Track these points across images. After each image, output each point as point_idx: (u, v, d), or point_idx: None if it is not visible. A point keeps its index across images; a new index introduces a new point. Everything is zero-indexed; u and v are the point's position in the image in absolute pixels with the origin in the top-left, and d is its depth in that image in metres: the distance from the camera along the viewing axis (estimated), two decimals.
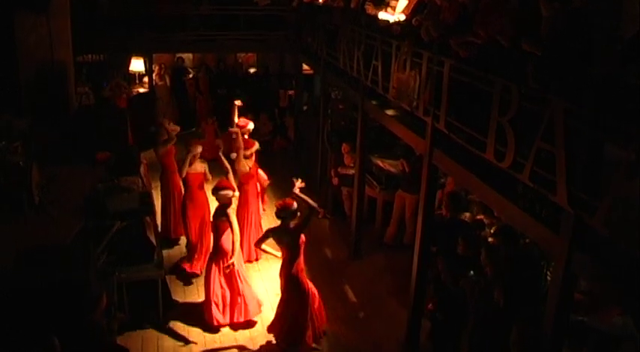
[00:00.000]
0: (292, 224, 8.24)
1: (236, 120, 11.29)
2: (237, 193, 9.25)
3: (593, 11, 4.71)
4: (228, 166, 10.40)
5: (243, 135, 10.97)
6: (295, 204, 8.28)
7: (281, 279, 8.38)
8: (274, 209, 8.53)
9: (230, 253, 8.77)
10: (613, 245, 4.22)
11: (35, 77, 11.51)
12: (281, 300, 8.44)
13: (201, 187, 10.61)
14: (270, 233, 8.41)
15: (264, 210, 11.66)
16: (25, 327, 6.08)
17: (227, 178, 9.92)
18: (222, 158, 10.50)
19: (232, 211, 9.02)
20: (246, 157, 10.80)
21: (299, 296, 8.24)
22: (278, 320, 8.44)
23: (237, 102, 11.61)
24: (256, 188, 11.17)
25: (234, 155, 10.70)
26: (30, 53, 11.45)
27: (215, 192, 8.99)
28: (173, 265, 10.46)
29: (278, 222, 8.36)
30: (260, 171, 11.54)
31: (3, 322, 6.24)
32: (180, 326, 8.90)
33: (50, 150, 10.64)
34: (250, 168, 10.85)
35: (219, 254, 8.85)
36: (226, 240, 8.87)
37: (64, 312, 6.41)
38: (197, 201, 10.49)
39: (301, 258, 8.28)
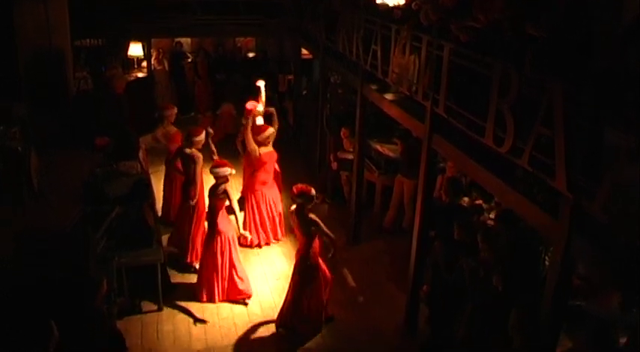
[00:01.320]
0: (307, 210, 8.24)
1: (263, 99, 11.25)
2: (233, 171, 9.24)
3: (593, 3, 4.70)
4: (215, 150, 10.74)
5: (254, 119, 10.86)
6: (313, 190, 8.30)
7: (295, 262, 8.45)
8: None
9: (225, 233, 8.87)
10: (612, 230, 4.21)
11: (33, 62, 11.46)
12: (291, 285, 8.48)
13: None
14: (292, 214, 8.40)
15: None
16: (24, 314, 6.10)
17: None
18: (212, 144, 10.73)
19: (232, 189, 9.13)
20: (259, 143, 10.64)
21: (310, 281, 8.29)
22: (291, 308, 8.45)
23: (261, 84, 11.44)
24: (269, 174, 11.03)
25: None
26: (28, 38, 11.39)
27: (211, 169, 9.06)
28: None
29: None
30: None
31: (1, 309, 6.26)
32: (179, 311, 8.95)
33: (49, 135, 10.61)
34: (261, 154, 10.66)
35: (215, 234, 8.88)
36: (222, 219, 8.92)
37: (64, 299, 6.43)
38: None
39: (317, 242, 8.32)
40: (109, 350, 6.71)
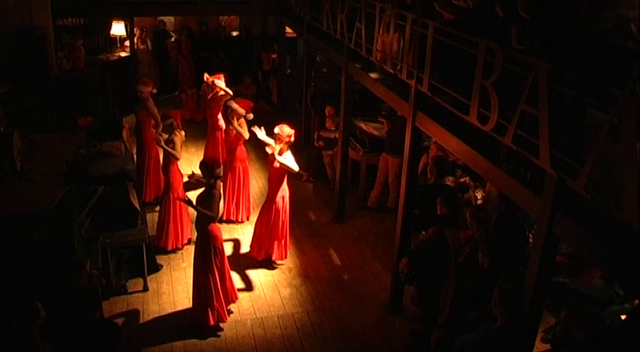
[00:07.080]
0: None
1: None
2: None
3: None
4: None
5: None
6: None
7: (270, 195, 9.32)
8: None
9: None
10: (595, 207, 4.25)
11: (14, 42, 11.36)
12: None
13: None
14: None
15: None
16: (8, 293, 6.08)
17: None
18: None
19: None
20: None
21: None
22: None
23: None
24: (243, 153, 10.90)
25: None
26: (8, 18, 11.28)
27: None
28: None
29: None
30: None
31: None
32: (165, 290, 8.93)
33: (31, 115, 10.54)
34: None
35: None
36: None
37: (48, 278, 6.41)
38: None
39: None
40: (102, 342, 6.68)
